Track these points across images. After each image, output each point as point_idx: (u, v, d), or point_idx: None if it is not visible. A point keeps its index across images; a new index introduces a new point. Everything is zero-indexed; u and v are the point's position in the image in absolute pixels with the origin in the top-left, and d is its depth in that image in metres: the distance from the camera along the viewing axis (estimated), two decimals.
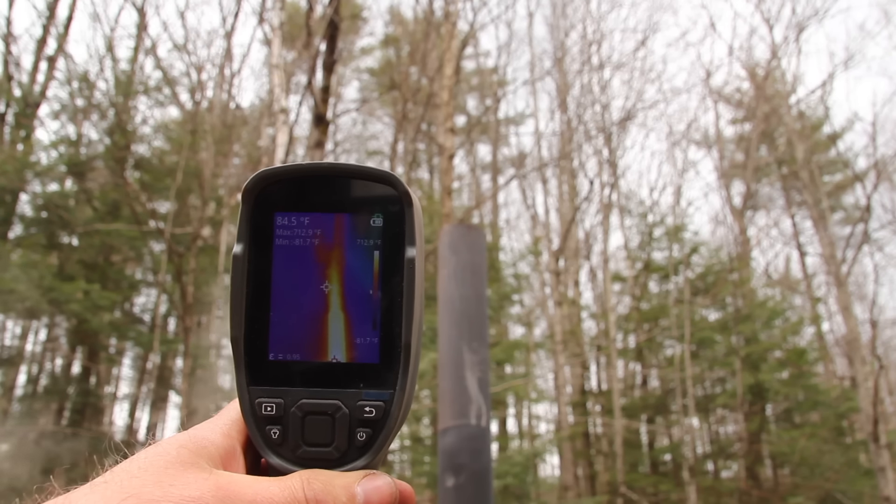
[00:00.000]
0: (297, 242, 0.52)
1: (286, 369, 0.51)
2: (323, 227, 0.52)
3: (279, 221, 0.53)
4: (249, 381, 0.51)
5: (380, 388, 0.51)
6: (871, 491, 13.06)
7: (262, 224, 0.53)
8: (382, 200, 0.52)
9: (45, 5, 14.71)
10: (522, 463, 11.76)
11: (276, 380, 0.51)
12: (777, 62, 15.28)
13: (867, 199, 12.12)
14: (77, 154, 14.28)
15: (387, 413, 0.50)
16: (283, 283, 0.52)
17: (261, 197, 0.53)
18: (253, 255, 0.52)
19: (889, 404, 18.84)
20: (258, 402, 0.51)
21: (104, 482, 0.43)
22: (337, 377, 0.51)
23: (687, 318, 15.06)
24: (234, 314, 0.52)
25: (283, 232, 0.53)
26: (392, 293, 0.51)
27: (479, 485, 2.57)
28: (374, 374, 0.51)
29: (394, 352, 0.51)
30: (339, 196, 0.53)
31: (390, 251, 0.52)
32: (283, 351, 0.52)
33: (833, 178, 19.98)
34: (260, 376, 0.51)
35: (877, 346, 12.60)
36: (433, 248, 10.53)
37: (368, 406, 0.50)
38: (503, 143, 21.98)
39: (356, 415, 0.50)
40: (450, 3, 11.08)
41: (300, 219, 0.53)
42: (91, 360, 15.02)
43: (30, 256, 12.73)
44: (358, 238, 0.52)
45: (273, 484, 0.45)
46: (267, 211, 0.53)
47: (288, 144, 7.25)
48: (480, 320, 2.81)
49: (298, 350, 0.52)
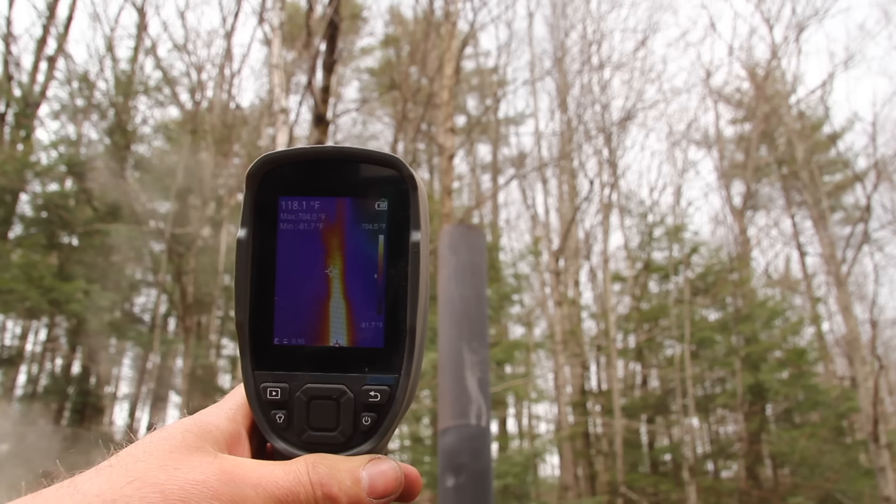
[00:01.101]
0: (302, 226, 0.52)
1: (291, 354, 0.51)
2: (327, 210, 0.52)
3: (283, 205, 0.52)
4: (254, 366, 0.51)
5: (384, 373, 0.51)
6: (871, 491, 13.06)
7: (267, 208, 0.52)
8: (387, 184, 0.52)
9: (45, 5, 14.72)
10: (522, 463, 11.76)
11: (281, 364, 0.51)
12: (777, 62, 15.28)
13: (867, 199, 12.12)
14: (77, 154, 14.28)
15: (392, 397, 0.50)
16: (288, 267, 0.52)
17: (265, 181, 0.53)
18: (257, 240, 0.52)
19: (889, 404, 18.84)
20: (263, 387, 0.51)
21: (109, 466, 0.44)
22: (342, 361, 0.51)
23: (687, 318, 15.06)
24: (240, 298, 0.52)
25: (288, 216, 0.52)
26: (397, 277, 0.51)
27: (479, 485, 2.57)
28: (378, 358, 0.51)
29: (398, 336, 0.51)
30: (344, 180, 0.53)
31: (395, 235, 0.52)
32: (287, 335, 0.52)
33: (833, 178, 19.98)
34: (265, 361, 0.51)
35: (877, 346, 12.60)
36: (433, 249, 10.51)
37: (373, 390, 0.50)
38: (503, 143, 21.99)
39: (361, 399, 0.50)
40: (450, 3, 11.08)
41: (304, 203, 0.52)
42: (91, 360, 15.02)
43: (30, 256, 12.72)
44: (362, 222, 0.52)
45: (278, 468, 0.46)
46: (271, 195, 0.52)
47: (288, 144, 7.25)
48: (480, 320, 2.81)
49: (303, 335, 0.52)
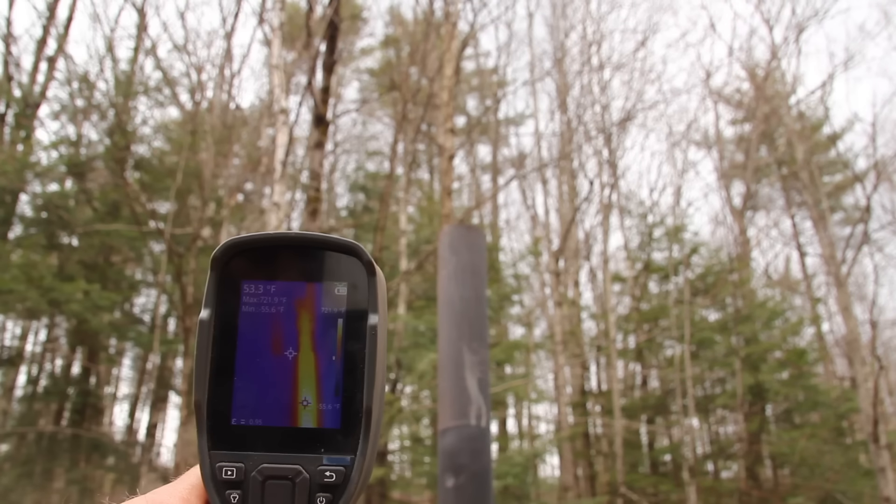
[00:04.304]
0: (264, 310, 0.54)
1: (248, 434, 0.52)
2: (289, 294, 0.54)
3: (246, 289, 0.54)
4: (211, 446, 0.52)
5: (341, 454, 0.51)
6: (871, 491, 13.05)
7: (230, 291, 0.54)
8: (347, 270, 0.54)
9: (45, 5, 14.72)
10: (522, 463, 11.75)
11: (238, 444, 0.52)
12: (777, 63, 15.28)
13: (867, 200, 12.12)
14: (77, 154, 14.27)
15: (347, 478, 0.51)
16: (249, 348, 0.53)
17: (229, 264, 0.55)
18: (219, 321, 0.54)
19: (889, 405, 18.83)
20: (219, 466, 0.51)
21: None
22: (298, 442, 0.52)
23: (687, 319, 15.05)
24: (199, 379, 0.52)
25: (250, 299, 0.54)
26: (354, 360, 0.53)
27: (479, 485, 2.57)
28: (335, 439, 0.52)
29: (355, 417, 0.52)
30: (306, 265, 0.55)
31: (353, 319, 0.53)
32: (245, 416, 0.52)
33: (833, 178, 19.98)
34: (222, 441, 0.52)
35: (877, 346, 12.59)
36: (433, 249, 10.52)
37: (329, 471, 0.51)
38: (503, 143, 21.98)
39: (316, 479, 0.50)
40: (450, 4, 11.08)
41: (267, 286, 0.54)
42: (91, 360, 15.01)
43: (30, 256, 12.72)
44: (322, 306, 0.54)
45: None
46: (235, 278, 0.54)
47: (288, 145, 7.25)
48: (480, 321, 2.81)
49: (261, 415, 0.52)
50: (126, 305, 16.40)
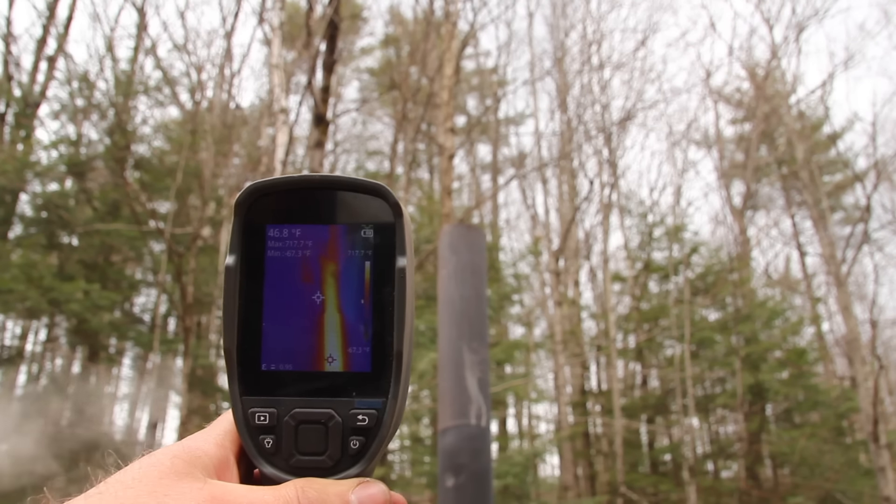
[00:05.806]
0: (289, 254, 0.53)
1: (279, 379, 0.52)
2: (314, 238, 0.53)
3: (271, 233, 0.53)
4: (242, 392, 0.52)
5: (372, 397, 0.51)
6: (870, 491, 13.06)
7: (254, 236, 0.53)
8: (373, 211, 0.53)
9: (45, 5, 14.72)
10: (522, 463, 11.76)
11: (269, 390, 0.52)
12: (777, 62, 15.28)
13: (867, 199, 12.12)
14: (77, 154, 14.27)
15: (379, 421, 0.51)
16: (276, 293, 0.53)
17: (252, 209, 0.54)
18: (245, 267, 0.53)
19: (889, 404, 18.83)
20: (251, 412, 0.51)
21: (98, 493, 0.43)
22: (330, 386, 0.52)
23: (687, 318, 15.06)
24: (227, 325, 0.52)
25: (275, 244, 0.53)
26: (383, 303, 0.52)
27: (479, 485, 2.57)
28: (366, 382, 0.52)
29: (385, 360, 0.52)
30: (331, 208, 0.54)
31: (381, 261, 0.53)
32: (275, 361, 0.52)
33: (833, 178, 19.98)
34: (253, 386, 0.52)
35: (877, 346, 12.59)
36: (433, 249, 10.52)
37: (361, 414, 0.51)
38: (503, 143, 21.99)
39: (349, 423, 0.51)
40: (450, 4, 11.08)
41: (292, 230, 0.53)
42: (91, 360, 15.01)
43: (30, 256, 12.72)
44: (349, 249, 0.53)
45: (267, 493, 0.46)
46: (259, 223, 0.54)
47: (288, 144, 7.25)
48: (480, 320, 2.81)
49: (291, 360, 0.52)
50: (126, 305, 16.41)
